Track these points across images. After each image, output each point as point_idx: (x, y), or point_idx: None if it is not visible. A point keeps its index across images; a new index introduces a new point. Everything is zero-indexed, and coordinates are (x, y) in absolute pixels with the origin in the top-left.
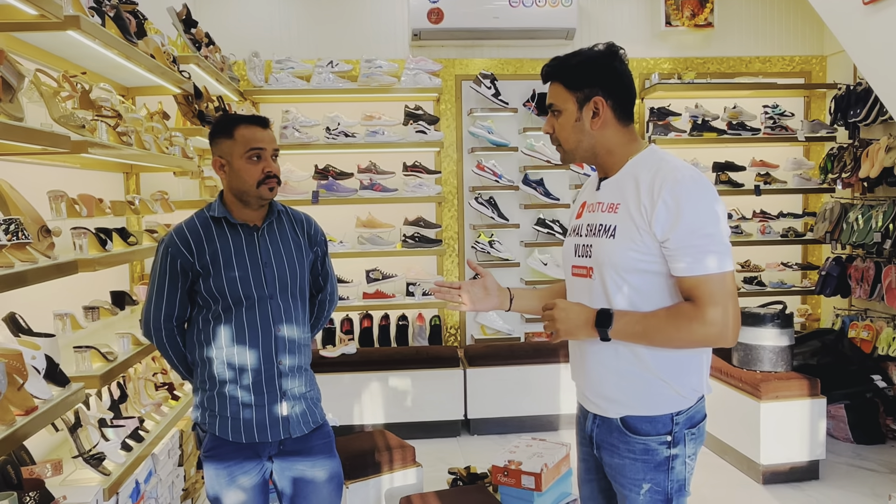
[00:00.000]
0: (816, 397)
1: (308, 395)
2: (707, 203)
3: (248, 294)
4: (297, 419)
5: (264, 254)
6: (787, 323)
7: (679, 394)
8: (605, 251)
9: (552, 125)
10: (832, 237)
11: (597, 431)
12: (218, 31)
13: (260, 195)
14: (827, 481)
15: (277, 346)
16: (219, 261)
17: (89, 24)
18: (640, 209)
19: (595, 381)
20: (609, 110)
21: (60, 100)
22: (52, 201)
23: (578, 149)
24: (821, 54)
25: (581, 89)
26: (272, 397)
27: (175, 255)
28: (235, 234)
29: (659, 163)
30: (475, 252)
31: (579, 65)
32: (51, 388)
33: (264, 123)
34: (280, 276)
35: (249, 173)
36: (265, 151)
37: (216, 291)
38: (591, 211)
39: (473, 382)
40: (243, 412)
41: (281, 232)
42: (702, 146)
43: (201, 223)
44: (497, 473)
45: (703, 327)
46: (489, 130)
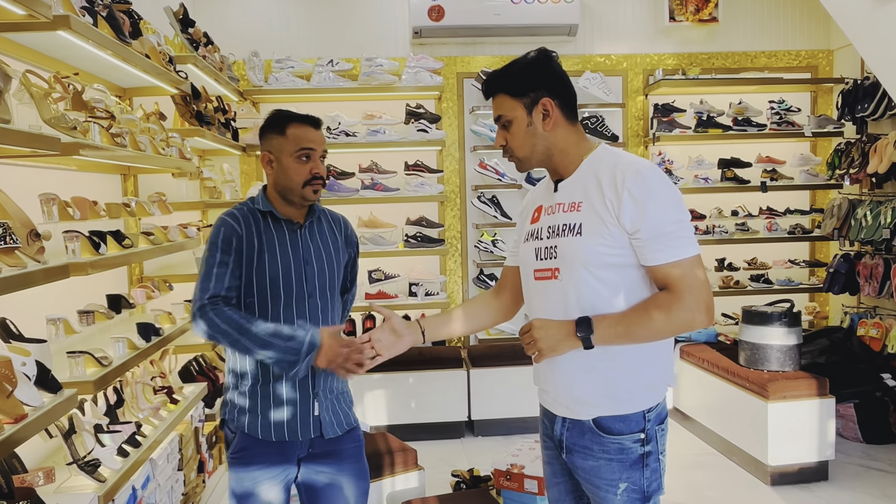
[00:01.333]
0: (825, 397)
1: (341, 397)
2: (670, 191)
3: (289, 291)
4: (331, 420)
5: (306, 252)
6: (795, 321)
7: (651, 387)
8: (573, 249)
9: (504, 137)
10: (840, 234)
11: (567, 435)
12: (217, 31)
13: (304, 195)
14: (836, 482)
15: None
16: (264, 253)
17: (80, 23)
18: (606, 203)
19: (566, 384)
20: (557, 109)
21: (52, 101)
22: (44, 204)
23: (534, 154)
24: (827, 48)
25: (527, 94)
26: (305, 396)
27: (230, 231)
28: (280, 230)
29: (616, 158)
30: (478, 251)
31: (520, 71)
32: (42, 395)
33: (317, 124)
34: (320, 275)
35: (297, 172)
36: (314, 152)
37: (257, 284)
38: (549, 213)
39: (477, 383)
40: (275, 410)
41: (321, 232)
42: (707, 142)
43: (250, 212)
44: (499, 477)
45: (684, 312)
46: (491, 128)
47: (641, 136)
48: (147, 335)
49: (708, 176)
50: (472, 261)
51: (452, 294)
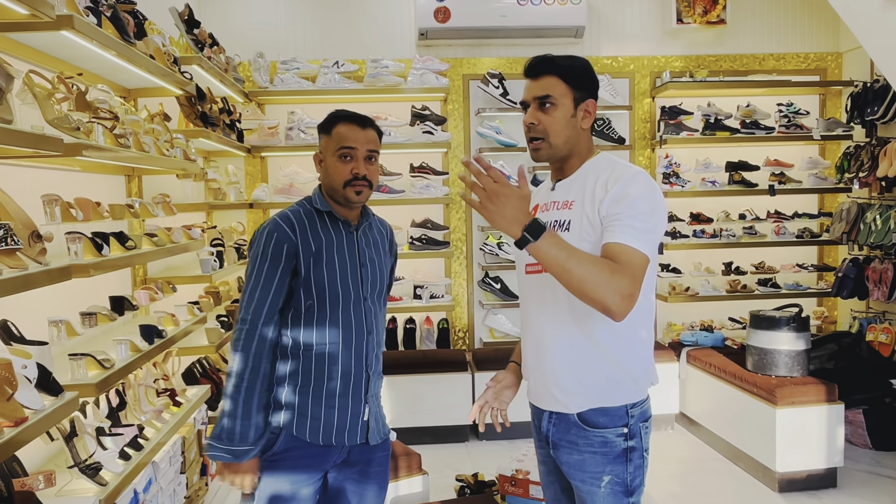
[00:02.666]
0: (834, 403)
1: (380, 405)
2: (652, 198)
3: (347, 292)
4: (376, 426)
5: (362, 254)
6: (804, 326)
7: (635, 382)
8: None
9: (537, 117)
10: (849, 238)
11: (553, 430)
12: (222, 32)
13: (346, 196)
14: (845, 489)
15: (369, 349)
16: (322, 253)
17: (83, 23)
18: (593, 201)
19: (552, 375)
20: (594, 115)
21: (55, 101)
22: (47, 205)
23: (564, 145)
24: (836, 51)
25: (580, 89)
26: (357, 400)
27: (281, 239)
28: (338, 230)
29: (614, 164)
30: (483, 254)
31: (582, 66)
32: (43, 398)
33: (363, 123)
34: (373, 278)
35: (338, 172)
36: (356, 151)
37: (316, 285)
38: (544, 210)
39: (482, 387)
40: (326, 413)
41: (372, 235)
42: (714, 145)
43: (306, 214)
44: (504, 483)
45: (617, 286)
46: (497, 131)
47: (648, 138)
48: (150, 337)
49: (715, 179)
50: (477, 263)
51: (457, 297)
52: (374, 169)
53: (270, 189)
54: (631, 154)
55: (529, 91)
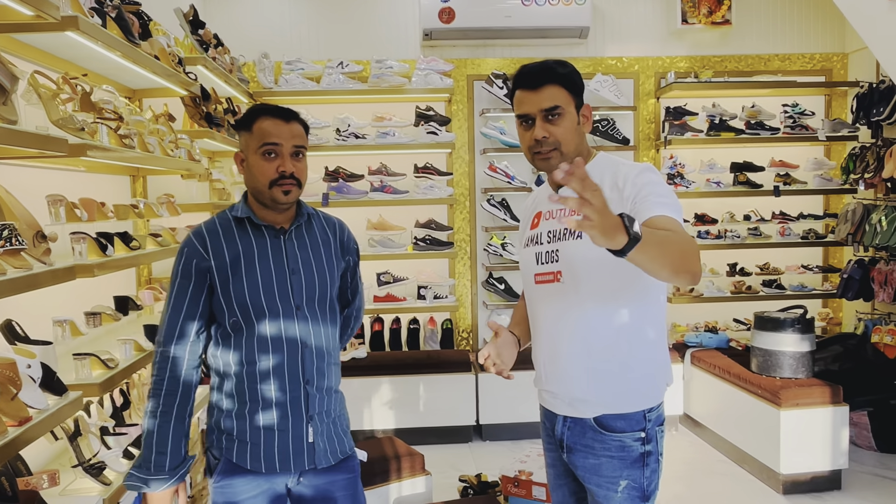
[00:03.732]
0: (839, 405)
1: (337, 421)
2: (665, 184)
3: (273, 304)
4: (325, 447)
5: (291, 260)
6: (808, 328)
7: (652, 386)
8: (576, 251)
9: (547, 130)
10: (854, 239)
11: (568, 434)
12: (227, 33)
13: (273, 197)
14: (850, 491)
15: (305, 364)
16: (240, 265)
17: (88, 24)
18: (614, 200)
19: (568, 382)
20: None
21: (60, 102)
22: (51, 206)
23: (574, 152)
24: (842, 51)
25: (578, 95)
26: (297, 421)
27: (191, 256)
28: (260, 237)
29: (616, 164)
30: (487, 254)
31: (574, 73)
32: (47, 398)
33: (287, 116)
34: (308, 285)
35: (262, 171)
36: (281, 147)
37: (236, 299)
38: (549, 218)
39: (485, 387)
40: (265, 437)
41: (311, 237)
42: (719, 146)
43: (222, 223)
44: (507, 484)
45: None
46: (501, 131)
47: (653, 139)
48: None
49: (720, 180)
50: (481, 264)
51: (461, 297)
52: (301, 166)
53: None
54: (635, 155)
55: (532, 103)
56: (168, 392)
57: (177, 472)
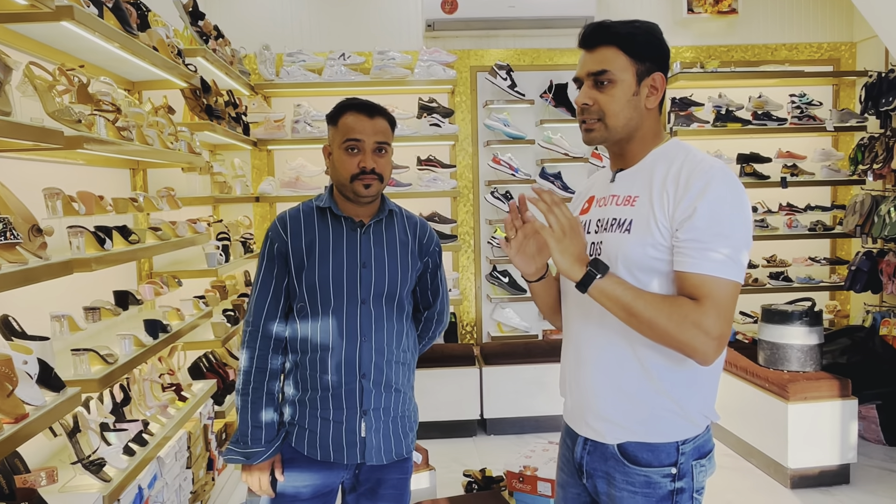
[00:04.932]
0: (847, 398)
1: (399, 422)
2: (740, 201)
3: (339, 294)
4: (378, 445)
5: (364, 253)
6: (816, 321)
7: (688, 419)
8: (619, 247)
9: (591, 97)
10: (862, 231)
11: (588, 459)
12: (228, 24)
13: (354, 191)
14: (858, 485)
15: (362, 358)
16: (315, 252)
17: (84, 14)
18: (662, 200)
19: (592, 397)
20: (663, 91)
21: (56, 93)
22: (48, 199)
23: (624, 128)
24: (850, 40)
25: (644, 61)
26: (351, 414)
27: (274, 239)
28: (338, 228)
29: (685, 154)
30: (491, 247)
31: (645, 33)
32: (44, 394)
33: (371, 111)
34: (378, 280)
35: (344, 166)
36: (363, 143)
37: (307, 286)
38: (601, 205)
39: (489, 381)
40: (321, 426)
41: (389, 232)
42: (726, 137)
43: (305, 211)
44: (512, 479)
45: (697, 329)
46: (505, 123)
47: None
48: (154, 332)
49: None
50: (485, 257)
51: (465, 291)
52: (384, 161)
53: (277, 182)
54: None
55: (583, 65)
56: (258, 369)
57: (272, 444)
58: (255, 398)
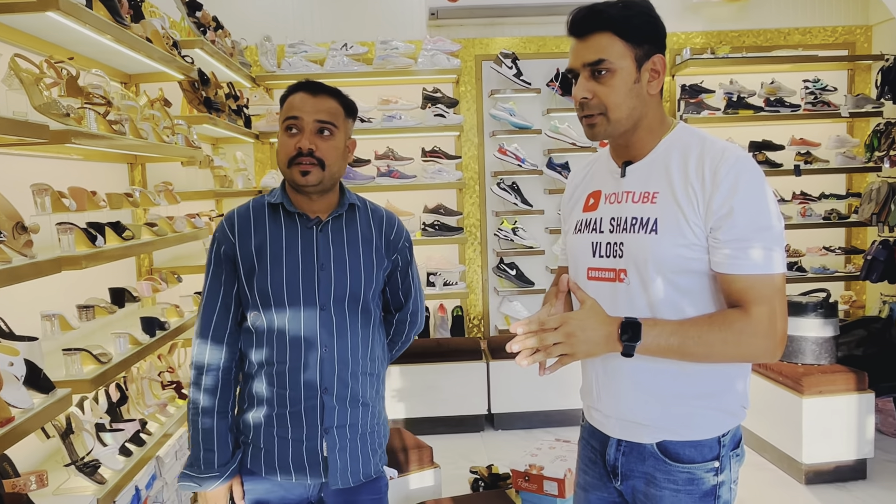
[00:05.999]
0: (863, 391)
1: (367, 439)
2: (766, 191)
3: (295, 301)
4: (343, 466)
5: (322, 253)
6: (831, 312)
7: (728, 412)
8: (647, 249)
9: (590, 90)
10: (879, 219)
11: (623, 461)
12: (228, 16)
13: (292, 179)
14: (875, 481)
15: (323, 371)
16: (265, 254)
17: (70, 4)
18: (690, 194)
19: (627, 405)
20: (664, 74)
21: (44, 87)
22: (36, 195)
23: (628, 118)
24: (865, 24)
25: (642, 44)
26: (312, 432)
27: (220, 241)
28: (291, 226)
29: (701, 142)
30: (498, 240)
31: (640, 14)
32: (32, 396)
33: (315, 89)
34: (338, 282)
35: (282, 148)
36: (301, 121)
37: (259, 292)
38: (612, 202)
39: (497, 376)
40: (279, 445)
41: (350, 229)
42: (737, 124)
43: (255, 208)
44: (518, 478)
45: (755, 339)
46: (511, 112)
47: None
48: (151, 330)
49: None
50: (491, 249)
51: (472, 284)
52: (327, 146)
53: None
54: None
55: (577, 55)
56: (207, 387)
57: (227, 468)
58: (205, 418)
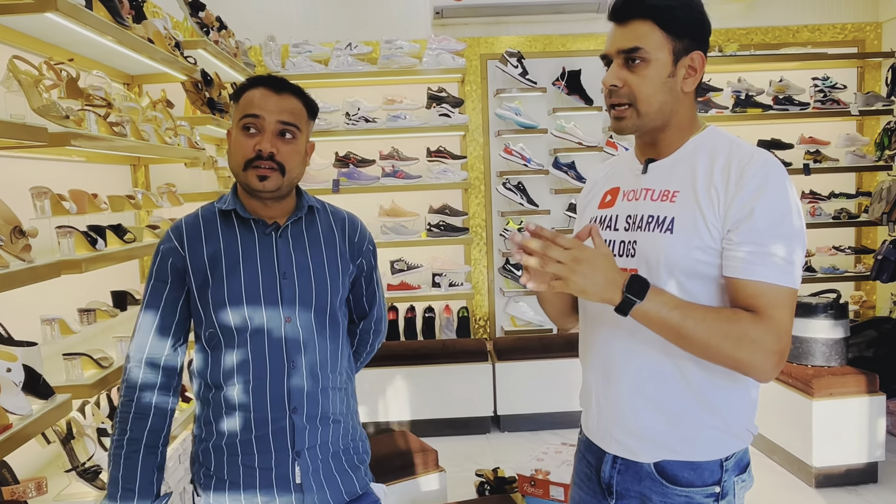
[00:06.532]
0: (875, 394)
1: (342, 456)
2: (791, 200)
3: (257, 314)
4: (320, 488)
5: (284, 261)
6: (842, 313)
7: (733, 434)
8: (660, 249)
9: (621, 78)
10: (889, 219)
11: (618, 479)
12: (231, 16)
13: (248, 183)
14: (886, 484)
15: (291, 389)
16: (220, 265)
17: (69, 5)
18: (711, 196)
19: (625, 414)
20: (702, 73)
21: (44, 88)
22: (35, 198)
23: (659, 113)
24: (875, 20)
25: (682, 37)
26: (281, 457)
27: (167, 254)
28: (247, 234)
29: (730, 145)
30: (504, 240)
31: (685, 6)
32: (31, 402)
33: (278, 86)
34: (303, 293)
35: (238, 148)
36: (262, 121)
37: (214, 307)
38: (630, 199)
39: (503, 377)
40: (244, 476)
41: (311, 234)
42: (745, 123)
43: (205, 216)
44: (523, 483)
45: (755, 346)
46: (517, 112)
47: None
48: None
49: None
50: (497, 250)
51: (477, 284)
52: (288, 149)
53: None
54: None
55: (613, 41)
56: (136, 416)
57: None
58: (128, 452)
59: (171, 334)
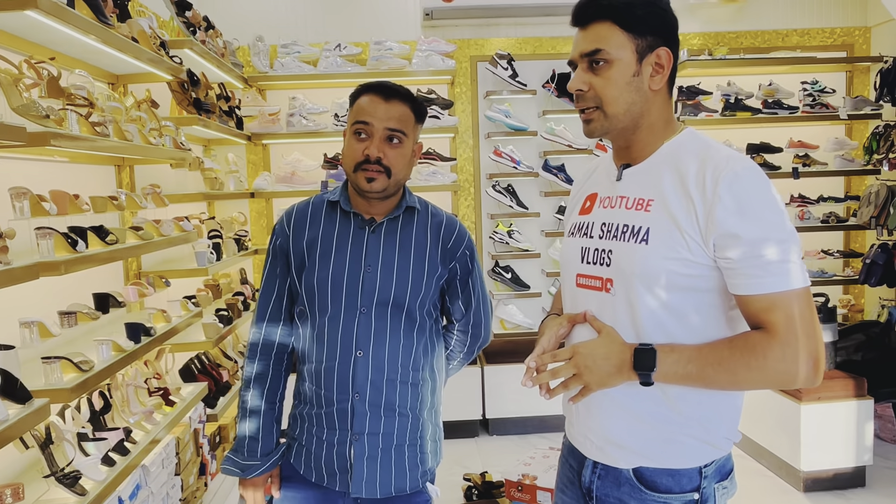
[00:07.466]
0: (862, 398)
1: (404, 451)
2: (775, 202)
3: (336, 300)
4: (371, 476)
5: (371, 255)
6: (830, 317)
7: (712, 443)
8: (634, 260)
9: (586, 82)
10: (878, 222)
11: (598, 484)
12: (219, 16)
13: (356, 183)
14: (874, 488)
15: (356, 374)
16: (315, 251)
17: (50, 3)
18: (687, 206)
19: (603, 422)
20: (670, 69)
21: (24, 87)
22: (14, 199)
23: (627, 115)
24: (864, 25)
25: (644, 35)
26: (342, 436)
27: (277, 234)
28: (345, 225)
29: (705, 150)
30: (493, 243)
31: (646, 4)
32: (8, 407)
33: (388, 94)
34: (383, 286)
35: (349, 152)
36: (371, 127)
37: (305, 288)
38: (606, 206)
39: (492, 380)
40: (315, 444)
41: (404, 232)
42: (735, 127)
43: (314, 204)
44: (511, 488)
45: (783, 363)
46: (507, 114)
47: None
48: (136, 336)
49: None
50: (487, 252)
51: None
52: (395, 154)
53: (272, 178)
54: None
55: (576, 45)
56: (258, 376)
57: (269, 458)
58: (252, 407)
59: (284, 304)
